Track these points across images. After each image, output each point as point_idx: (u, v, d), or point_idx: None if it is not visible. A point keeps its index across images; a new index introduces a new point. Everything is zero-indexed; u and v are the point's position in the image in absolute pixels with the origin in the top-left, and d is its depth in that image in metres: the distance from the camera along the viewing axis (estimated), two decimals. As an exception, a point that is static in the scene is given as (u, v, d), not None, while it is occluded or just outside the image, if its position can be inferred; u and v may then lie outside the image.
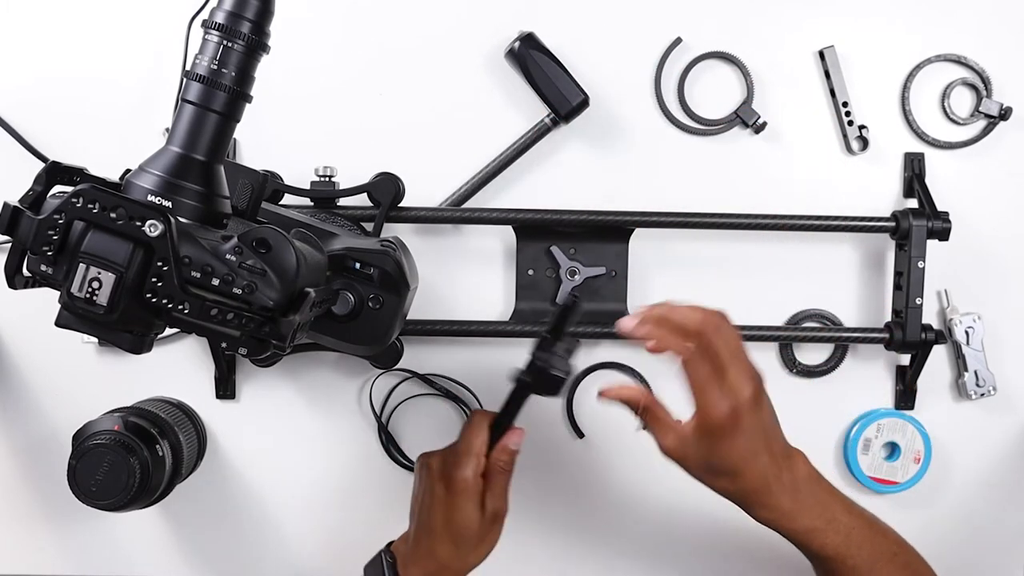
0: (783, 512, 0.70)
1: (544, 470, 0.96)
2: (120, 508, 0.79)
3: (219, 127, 0.61)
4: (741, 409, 0.67)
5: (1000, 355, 0.95)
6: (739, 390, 0.67)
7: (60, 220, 0.56)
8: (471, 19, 0.93)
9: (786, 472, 0.71)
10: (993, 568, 0.98)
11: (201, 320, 0.57)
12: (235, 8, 0.60)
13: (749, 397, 0.67)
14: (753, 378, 0.68)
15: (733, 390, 0.67)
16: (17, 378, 0.93)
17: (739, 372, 0.67)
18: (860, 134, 0.94)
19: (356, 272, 0.76)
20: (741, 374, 0.67)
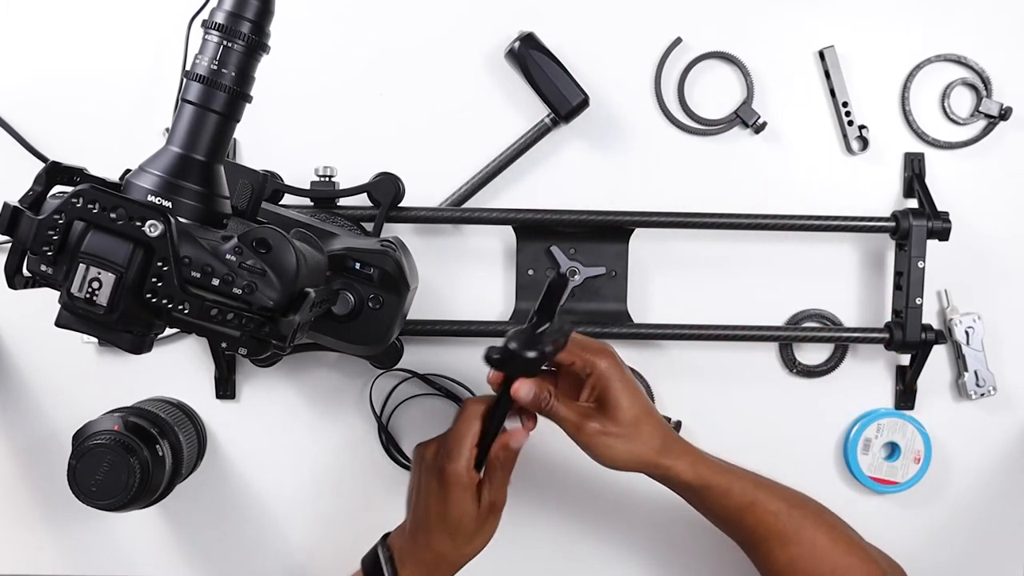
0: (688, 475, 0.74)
1: (544, 470, 0.96)
2: (120, 508, 0.79)
3: (219, 127, 0.61)
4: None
5: (1000, 355, 0.95)
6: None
7: (60, 220, 0.56)
8: (471, 19, 0.93)
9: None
10: (993, 568, 0.98)
11: (201, 320, 0.57)
12: (235, 8, 0.60)
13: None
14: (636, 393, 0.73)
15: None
16: (17, 378, 0.93)
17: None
18: (860, 134, 0.94)
19: (356, 272, 0.76)
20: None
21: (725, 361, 0.95)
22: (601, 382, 0.71)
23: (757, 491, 0.76)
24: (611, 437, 0.71)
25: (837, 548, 0.76)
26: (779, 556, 0.75)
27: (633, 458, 0.72)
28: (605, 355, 0.72)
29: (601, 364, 0.71)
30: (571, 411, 0.71)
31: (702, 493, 0.75)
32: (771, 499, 0.76)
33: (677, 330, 0.91)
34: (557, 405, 0.71)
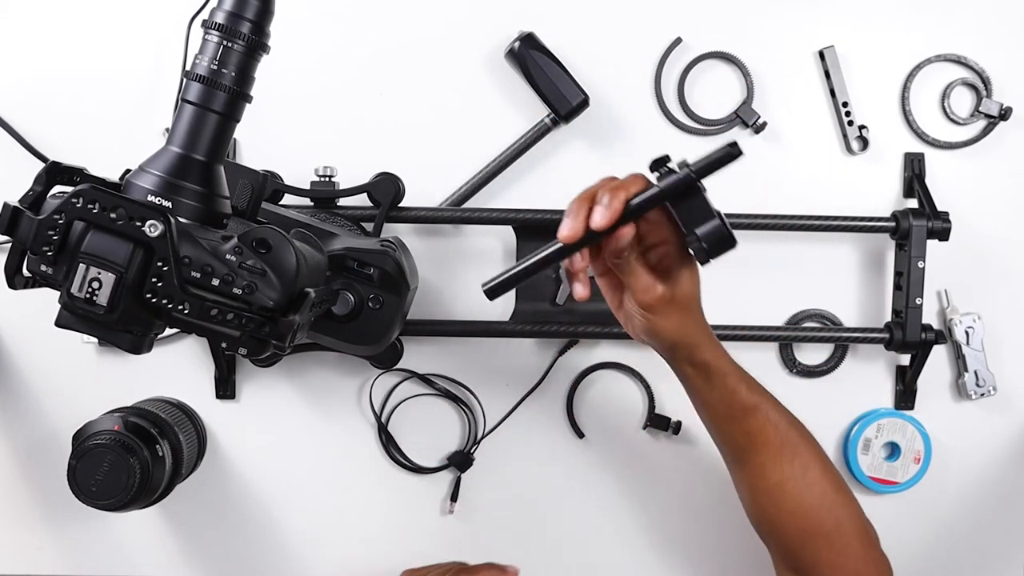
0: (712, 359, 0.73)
1: (544, 470, 0.96)
2: (120, 508, 0.79)
3: (219, 127, 0.61)
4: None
5: (1000, 355, 0.95)
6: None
7: (60, 220, 0.56)
8: (471, 19, 0.93)
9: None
10: (993, 568, 0.98)
11: (201, 320, 0.57)
12: (235, 8, 0.60)
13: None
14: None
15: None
16: (17, 378, 0.93)
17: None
18: (860, 134, 0.94)
19: (356, 272, 0.76)
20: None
21: (725, 361, 0.95)
22: (674, 255, 0.68)
23: (764, 397, 0.75)
24: (673, 307, 0.69)
25: (826, 480, 0.74)
26: (771, 473, 0.74)
27: (678, 333, 0.70)
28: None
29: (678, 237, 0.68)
30: (646, 272, 0.68)
31: (715, 378, 0.72)
32: (776, 409, 0.75)
33: (677, 330, 0.91)
34: (637, 260, 0.68)
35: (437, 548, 0.96)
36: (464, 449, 0.95)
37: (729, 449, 0.77)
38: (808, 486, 0.74)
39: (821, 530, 0.73)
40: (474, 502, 0.96)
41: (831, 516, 0.74)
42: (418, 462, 0.96)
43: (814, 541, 0.74)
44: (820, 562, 0.74)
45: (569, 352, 0.95)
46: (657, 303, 0.69)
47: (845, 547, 0.74)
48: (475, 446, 0.95)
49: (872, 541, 0.76)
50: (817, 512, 0.74)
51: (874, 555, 0.75)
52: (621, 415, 0.96)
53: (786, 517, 0.74)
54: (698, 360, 0.72)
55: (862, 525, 0.75)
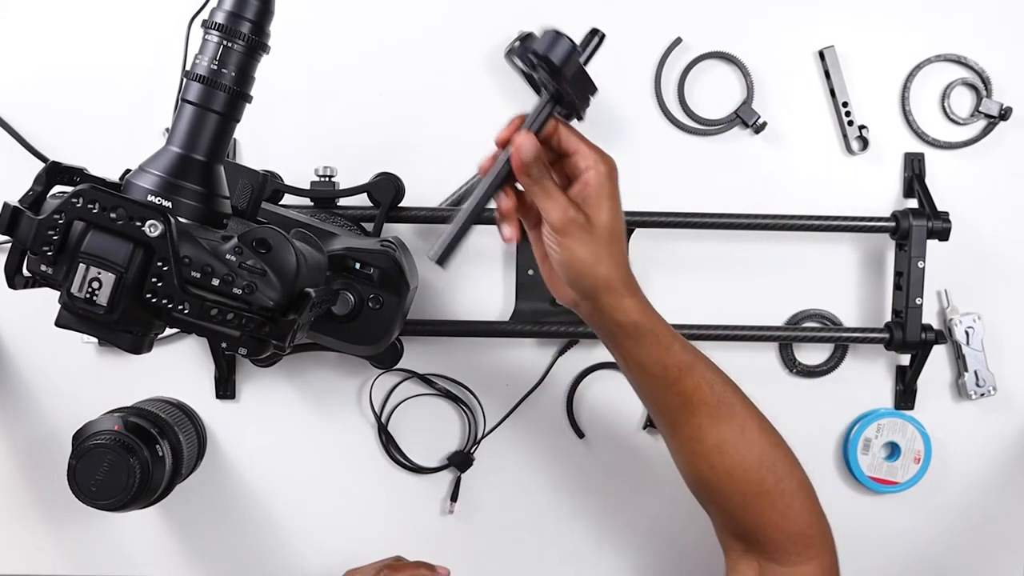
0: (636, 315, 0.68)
1: (544, 470, 0.96)
2: (120, 508, 0.79)
3: (219, 127, 0.61)
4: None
5: (1000, 355, 0.95)
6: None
7: (60, 220, 0.56)
8: (471, 19, 0.93)
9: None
10: (993, 568, 0.98)
11: (201, 320, 0.57)
12: (235, 8, 0.60)
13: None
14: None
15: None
16: (17, 378, 0.93)
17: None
18: (860, 134, 0.94)
19: (356, 272, 0.76)
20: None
21: (725, 361, 0.93)
22: (594, 184, 0.66)
23: (697, 355, 0.71)
24: (589, 236, 0.65)
25: (764, 438, 0.72)
26: (709, 435, 0.71)
27: (596, 270, 0.66)
28: (608, 160, 0.67)
29: (602, 165, 0.66)
30: (560, 195, 0.65)
31: (645, 339, 0.69)
32: (710, 368, 0.72)
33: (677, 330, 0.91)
34: (550, 182, 0.65)
35: (437, 548, 0.96)
36: (464, 449, 0.95)
37: (664, 413, 0.73)
38: (747, 446, 0.71)
39: (762, 489, 0.71)
40: (474, 502, 0.96)
41: (771, 475, 0.72)
42: (418, 462, 0.96)
43: (756, 501, 0.72)
44: (763, 523, 0.72)
45: (569, 352, 0.95)
46: (570, 225, 0.65)
47: (787, 507, 0.72)
48: (475, 446, 0.95)
49: (813, 498, 0.74)
50: (757, 471, 0.71)
51: (816, 512, 0.73)
52: (621, 415, 0.96)
53: (726, 479, 0.72)
54: (622, 316, 0.68)
55: (802, 482, 0.73)
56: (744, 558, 0.74)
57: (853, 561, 0.97)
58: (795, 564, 0.72)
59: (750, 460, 0.71)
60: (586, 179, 0.66)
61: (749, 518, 0.72)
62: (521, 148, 0.64)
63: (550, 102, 0.65)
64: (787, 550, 0.72)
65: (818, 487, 0.96)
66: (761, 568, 0.73)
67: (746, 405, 0.73)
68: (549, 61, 0.61)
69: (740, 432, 0.71)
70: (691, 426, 0.71)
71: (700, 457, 0.72)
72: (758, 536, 0.72)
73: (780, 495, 0.72)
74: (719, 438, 0.71)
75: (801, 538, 0.72)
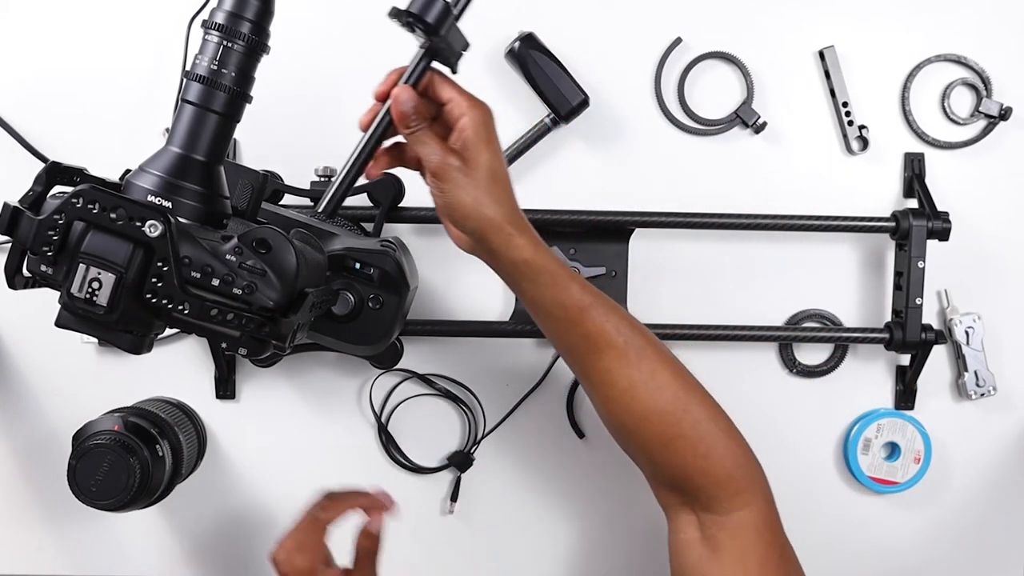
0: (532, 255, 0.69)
1: (544, 470, 0.96)
2: (120, 508, 0.79)
3: (219, 127, 0.62)
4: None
5: (1000, 355, 0.95)
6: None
7: (60, 220, 0.56)
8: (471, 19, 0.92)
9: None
10: (993, 568, 0.98)
11: (201, 320, 0.57)
12: (235, 9, 0.60)
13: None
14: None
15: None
16: (17, 378, 0.93)
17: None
18: (860, 134, 0.94)
19: (356, 272, 0.76)
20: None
21: (725, 361, 0.95)
22: (469, 130, 0.67)
23: (599, 297, 0.72)
24: (468, 179, 0.67)
25: (677, 381, 0.72)
26: (619, 378, 0.71)
27: (479, 211, 0.68)
28: (481, 105, 0.69)
29: (475, 111, 0.68)
30: (438, 143, 0.67)
31: (540, 277, 0.69)
32: (614, 310, 0.72)
33: (677, 330, 0.91)
34: (428, 131, 0.67)
35: (437, 548, 0.96)
36: (464, 449, 0.95)
37: (572, 356, 0.73)
38: (659, 389, 0.71)
39: (679, 432, 0.71)
40: (474, 502, 0.96)
41: (687, 416, 0.71)
42: (418, 462, 0.96)
43: (675, 444, 0.71)
44: (687, 467, 0.72)
45: (569, 352, 0.95)
46: (448, 170, 0.67)
47: (709, 449, 0.71)
48: (475, 446, 0.95)
49: (738, 442, 0.73)
50: (672, 414, 0.71)
51: (741, 456, 0.73)
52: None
53: (642, 422, 0.72)
54: (515, 254, 0.69)
55: (724, 426, 0.73)
56: (682, 512, 0.74)
57: (853, 561, 0.98)
58: (729, 511, 0.72)
59: (663, 403, 0.71)
60: (461, 125, 0.68)
61: (673, 462, 0.72)
62: (399, 99, 0.67)
63: (425, 56, 0.68)
64: (717, 496, 0.72)
65: (818, 487, 0.97)
66: (699, 520, 0.73)
67: (657, 349, 0.73)
68: (424, 20, 0.64)
69: (651, 375, 0.71)
70: (600, 369, 0.72)
71: (614, 401, 0.72)
72: (686, 483, 0.72)
73: (699, 438, 0.71)
74: (629, 381, 0.71)
75: (729, 482, 0.72)
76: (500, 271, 0.72)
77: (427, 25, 0.64)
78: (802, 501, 0.96)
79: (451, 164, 0.67)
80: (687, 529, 0.74)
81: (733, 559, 0.71)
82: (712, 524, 0.72)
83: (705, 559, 0.72)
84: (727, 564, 0.71)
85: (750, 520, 0.72)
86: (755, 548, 0.72)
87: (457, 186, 0.67)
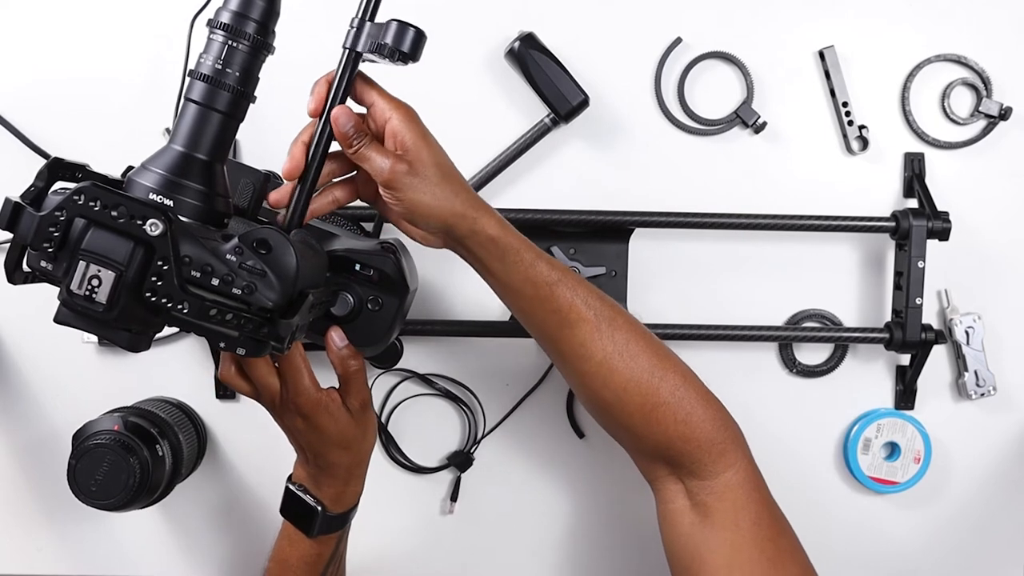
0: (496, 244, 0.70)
1: (544, 470, 0.96)
2: (120, 508, 0.80)
3: (222, 126, 0.62)
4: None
5: (1000, 355, 0.95)
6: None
7: (61, 217, 0.56)
8: (471, 19, 0.93)
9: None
10: (993, 568, 0.98)
11: (200, 320, 0.57)
12: (241, 8, 0.60)
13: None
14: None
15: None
16: (17, 378, 0.93)
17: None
18: (860, 134, 0.94)
19: (356, 273, 0.76)
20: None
21: (725, 361, 0.95)
22: (400, 131, 0.68)
23: (566, 274, 0.72)
24: (419, 180, 0.68)
25: (651, 349, 0.73)
26: (593, 352, 0.72)
27: (439, 207, 0.69)
28: (403, 106, 0.70)
29: (399, 111, 0.69)
30: (382, 153, 0.68)
31: (508, 255, 0.71)
32: (582, 284, 0.73)
33: (677, 330, 0.91)
34: (370, 145, 0.68)
35: (437, 548, 0.96)
36: (464, 449, 0.95)
37: (546, 334, 0.74)
38: (633, 358, 0.72)
39: (658, 400, 0.72)
40: (474, 502, 0.96)
41: (665, 384, 0.72)
42: (418, 462, 0.96)
43: (656, 413, 0.72)
44: (669, 435, 0.72)
45: (569, 352, 0.95)
46: (396, 176, 0.67)
47: (688, 415, 0.72)
48: (475, 446, 0.95)
49: (715, 405, 0.74)
50: (649, 383, 0.72)
51: (720, 418, 0.74)
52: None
53: (621, 393, 0.72)
54: (482, 236, 0.70)
55: (700, 391, 0.74)
56: (668, 483, 0.75)
57: (853, 561, 0.98)
58: (715, 474, 0.72)
59: (639, 373, 0.72)
60: (394, 129, 0.68)
61: (655, 431, 0.73)
62: (338, 121, 0.67)
63: (350, 64, 0.68)
64: (702, 460, 0.72)
65: (818, 487, 0.97)
66: (687, 488, 0.74)
67: (627, 319, 0.74)
68: (400, 51, 0.68)
69: (625, 345, 0.72)
70: (574, 343, 0.72)
71: (591, 375, 0.73)
72: (670, 451, 0.73)
73: (678, 404, 0.72)
74: (604, 353, 0.72)
75: (711, 446, 0.72)
76: (470, 258, 0.73)
77: (405, 56, 0.67)
78: (802, 501, 0.95)
79: (399, 170, 0.67)
80: (676, 499, 0.74)
81: (726, 520, 0.72)
82: (700, 489, 0.73)
83: (697, 525, 0.73)
84: (720, 526, 0.72)
85: (737, 480, 0.73)
86: (746, 507, 0.72)
87: (411, 189, 0.68)
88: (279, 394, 0.72)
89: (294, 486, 0.77)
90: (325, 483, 0.76)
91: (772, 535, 0.72)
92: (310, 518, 0.76)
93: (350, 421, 0.74)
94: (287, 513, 0.78)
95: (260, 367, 0.71)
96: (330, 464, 0.75)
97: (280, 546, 0.78)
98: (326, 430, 0.73)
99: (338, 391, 0.74)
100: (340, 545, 0.80)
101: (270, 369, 0.71)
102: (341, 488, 0.76)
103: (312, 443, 0.74)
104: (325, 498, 0.76)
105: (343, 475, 0.76)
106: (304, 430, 0.73)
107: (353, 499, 0.78)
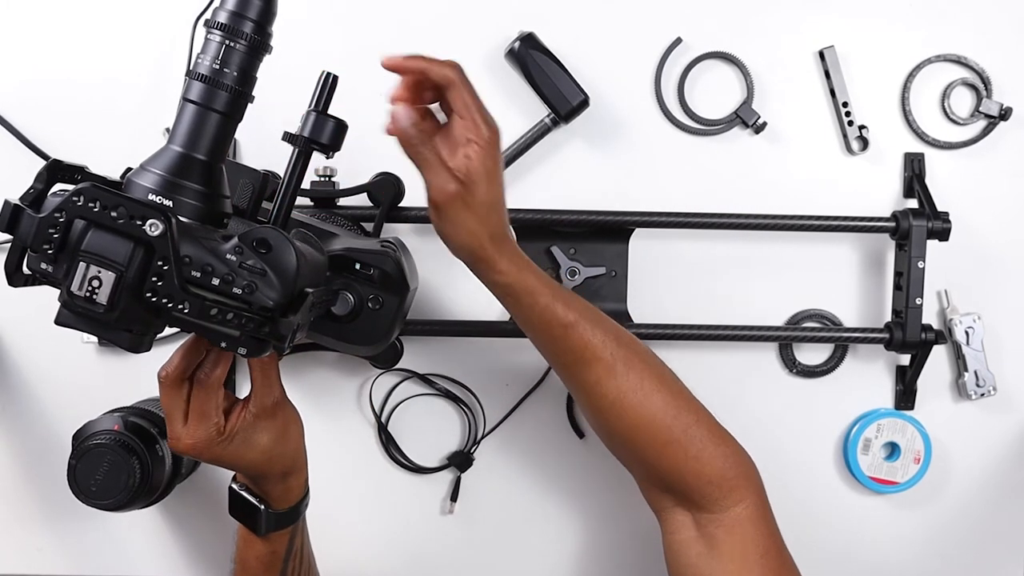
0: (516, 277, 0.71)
1: (544, 470, 0.96)
2: (120, 508, 0.80)
3: (221, 126, 0.61)
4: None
5: (1000, 355, 0.95)
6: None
7: (61, 218, 0.56)
8: (471, 19, 0.93)
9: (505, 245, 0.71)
10: (993, 568, 0.98)
11: (201, 320, 0.57)
12: (238, 8, 0.60)
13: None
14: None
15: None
16: (17, 378, 0.93)
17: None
18: (860, 134, 0.94)
19: (356, 272, 0.76)
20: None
21: (725, 361, 0.95)
22: (475, 159, 0.67)
23: (583, 313, 0.73)
24: (463, 211, 0.67)
25: (665, 388, 0.74)
26: (608, 389, 0.73)
27: (467, 243, 0.69)
28: (489, 133, 0.67)
29: (484, 139, 0.67)
30: (440, 166, 0.67)
31: (522, 299, 0.71)
32: (599, 325, 0.73)
33: (677, 330, 0.91)
34: (431, 149, 0.67)
35: (437, 548, 0.96)
36: (464, 449, 0.95)
37: (561, 368, 0.76)
38: (647, 396, 0.73)
39: (671, 437, 0.73)
40: (474, 502, 0.96)
41: (678, 423, 0.73)
42: (418, 462, 0.96)
43: (668, 450, 0.73)
44: (681, 470, 0.73)
45: (569, 352, 0.95)
46: (449, 200, 0.67)
47: (700, 451, 0.73)
48: (475, 446, 0.95)
49: (727, 441, 0.75)
50: (663, 420, 0.73)
51: (731, 455, 0.74)
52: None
53: (634, 430, 0.73)
54: (499, 280, 0.71)
55: (712, 428, 0.75)
56: (676, 513, 0.75)
57: (853, 561, 0.98)
58: (724, 508, 0.73)
59: (652, 412, 0.73)
60: (469, 153, 0.67)
61: (666, 466, 0.74)
62: (396, 117, 0.68)
63: (300, 156, 0.69)
64: (711, 495, 0.73)
65: (818, 487, 0.97)
66: (694, 519, 0.74)
67: (644, 359, 0.74)
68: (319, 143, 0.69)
69: (639, 385, 0.73)
70: (589, 381, 0.74)
71: (603, 412, 0.74)
72: (680, 485, 0.74)
73: (690, 442, 0.73)
74: (618, 392, 0.73)
75: (722, 481, 0.73)
76: (487, 285, 0.73)
77: (325, 147, 0.69)
78: (802, 501, 0.96)
79: (451, 192, 0.67)
80: (682, 529, 0.75)
81: (733, 553, 0.73)
82: (708, 522, 0.73)
83: (704, 556, 0.73)
84: (728, 558, 0.73)
85: (746, 515, 0.73)
86: (754, 541, 0.73)
87: (455, 218, 0.68)
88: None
89: (237, 485, 0.75)
90: (264, 485, 0.74)
91: (777, 567, 0.73)
92: (255, 517, 0.74)
93: (267, 433, 0.70)
94: (234, 513, 0.76)
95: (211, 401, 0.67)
96: (262, 475, 0.73)
97: (238, 547, 0.77)
98: (243, 458, 0.70)
99: (247, 397, 0.70)
100: (295, 540, 0.78)
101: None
102: (281, 486, 0.74)
103: (236, 467, 0.72)
104: (269, 497, 0.74)
105: (278, 476, 0.74)
106: (221, 461, 0.70)
107: (299, 492, 0.76)
